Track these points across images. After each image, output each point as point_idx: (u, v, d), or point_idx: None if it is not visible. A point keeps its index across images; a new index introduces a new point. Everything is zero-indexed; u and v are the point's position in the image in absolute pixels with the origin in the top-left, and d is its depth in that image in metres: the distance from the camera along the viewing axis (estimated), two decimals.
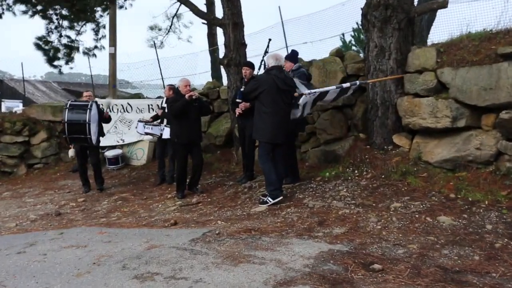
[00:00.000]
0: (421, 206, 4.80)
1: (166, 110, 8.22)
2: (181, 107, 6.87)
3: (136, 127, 9.14)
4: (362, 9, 6.59)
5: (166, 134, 8.14)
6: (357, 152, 6.51)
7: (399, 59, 6.23)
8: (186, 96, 6.84)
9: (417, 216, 4.58)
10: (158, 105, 10.34)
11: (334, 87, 5.96)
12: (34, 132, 12.05)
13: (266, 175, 5.85)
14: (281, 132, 5.84)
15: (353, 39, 11.14)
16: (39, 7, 10.46)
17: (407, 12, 6.24)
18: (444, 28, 8.00)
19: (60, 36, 11.39)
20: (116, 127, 11.21)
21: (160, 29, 15.97)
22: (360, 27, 8.62)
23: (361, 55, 7.86)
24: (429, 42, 7.55)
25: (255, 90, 5.81)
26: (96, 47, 12.21)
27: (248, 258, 3.69)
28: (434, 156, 5.60)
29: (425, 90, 5.77)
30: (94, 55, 12.32)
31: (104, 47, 12.53)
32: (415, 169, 5.64)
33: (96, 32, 11.95)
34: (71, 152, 9.71)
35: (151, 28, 15.83)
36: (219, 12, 12.92)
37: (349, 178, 6.09)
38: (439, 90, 5.68)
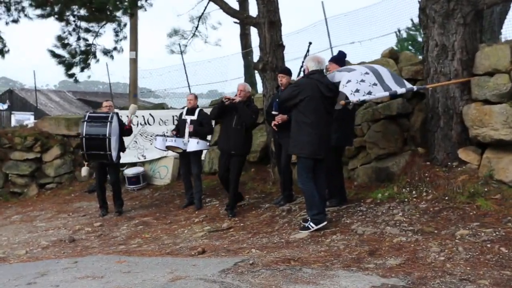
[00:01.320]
0: (494, 234, 4.67)
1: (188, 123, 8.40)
2: (216, 110, 7.52)
3: (153, 143, 9.25)
4: (419, 2, 6.56)
5: (192, 146, 8.16)
6: (415, 170, 6.41)
7: (464, 59, 6.14)
8: (224, 97, 7.44)
9: (489, 245, 4.46)
10: (174, 116, 10.50)
11: (386, 93, 5.92)
12: (46, 148, 12.44)
13: (307, 196, 5.84)
14: (323, 145, 5.84)
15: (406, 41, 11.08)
16: (56, 9, 10.90)
17: (474, 4, 6.16)
18: None
19: (78, 39, 11.80)
20: (136, 142, 11.45)
21: (179, 33, 16.16)
22: (418, 23, 8.56)
23: (419, 56, 7.79)
24: (502, 38, 7.42)
25: (295, 97, 5.82)
26: (115, 48, 12.53)
27: None
28: (509, 174, 5.46)
29: (497, 96, 5.65)
30: (112, 56, 12.62)
31: (123, 49, 12.85)
32: (485, 189, 5.51)
33: (117, 32, 12.30)
34: (84, 171, 9.66)
35: (172, 34, 16.05)
36: (253, 10, 13.12)
37: (406, 200, 6.00)
38: None
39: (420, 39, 11.91)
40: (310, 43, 6.88)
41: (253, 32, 17.35)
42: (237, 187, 7.57)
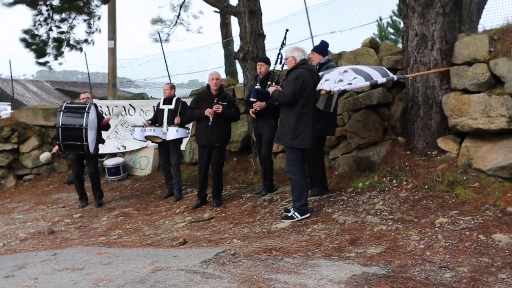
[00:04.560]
0: (472, 222, 4.72)
1: (166, 113, 8.34)
2: (194, 119, 7.47)
3: (132, 134, 9.20)
4: None
5: (171, 135, 8.13)
6: (395, 159, 6.46)
7: (444, 49, 6.18)
8: (206, 112, 7.06)
9: (467, 233, 4.51)
10: (154, 106, 10.39)
11: (367, 83, 5.93)
12: (24, 138, 12.28)
13: (298, 187, 5.79)
14: (315, 135, 5.87)
15: (389, 27, 11.15)
16: None
17: None
18: (498, 12, 7.89)
19: (50, 29, 11.50)
20: (116, 132, 11.35)
21: (163, 22, 16.07)
22: (398, 13, 8.60)
23: (399, 45, 7.82)
24: (480, 28, 7.48)
25: (304, 90, 5.66)
26: (86, 40, 12.25)
27: (268, 282, 3.69)
28: (487, 162, 5.52)
29: (475, 85, 5.71)
30: (81, 49, 12.35)
31: (94, 42, 12.56)
32: (464, 178, 5.57)
33: (89, 24, 12.02)
34: (42, 157, 9.95)
35: (155, 21, 15.94)
36: None
37: (386, 189, 6.05)
38: (493, 85, 5.61)
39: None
40: (287, 30, 6.80)
41: (234, 21, 17.28)
42: (221, 176, 7.54)
